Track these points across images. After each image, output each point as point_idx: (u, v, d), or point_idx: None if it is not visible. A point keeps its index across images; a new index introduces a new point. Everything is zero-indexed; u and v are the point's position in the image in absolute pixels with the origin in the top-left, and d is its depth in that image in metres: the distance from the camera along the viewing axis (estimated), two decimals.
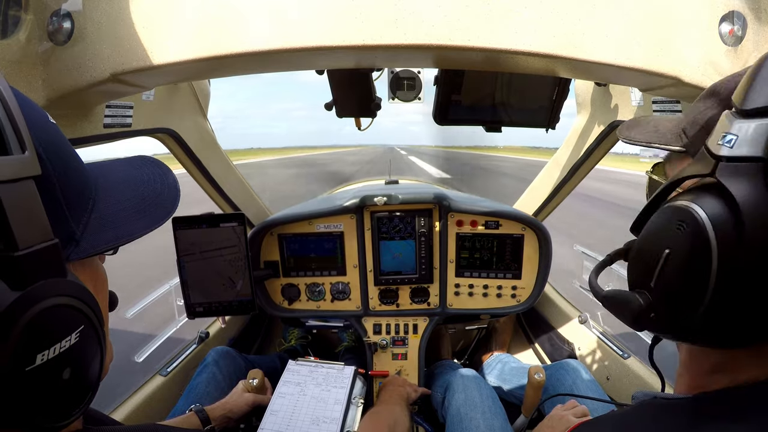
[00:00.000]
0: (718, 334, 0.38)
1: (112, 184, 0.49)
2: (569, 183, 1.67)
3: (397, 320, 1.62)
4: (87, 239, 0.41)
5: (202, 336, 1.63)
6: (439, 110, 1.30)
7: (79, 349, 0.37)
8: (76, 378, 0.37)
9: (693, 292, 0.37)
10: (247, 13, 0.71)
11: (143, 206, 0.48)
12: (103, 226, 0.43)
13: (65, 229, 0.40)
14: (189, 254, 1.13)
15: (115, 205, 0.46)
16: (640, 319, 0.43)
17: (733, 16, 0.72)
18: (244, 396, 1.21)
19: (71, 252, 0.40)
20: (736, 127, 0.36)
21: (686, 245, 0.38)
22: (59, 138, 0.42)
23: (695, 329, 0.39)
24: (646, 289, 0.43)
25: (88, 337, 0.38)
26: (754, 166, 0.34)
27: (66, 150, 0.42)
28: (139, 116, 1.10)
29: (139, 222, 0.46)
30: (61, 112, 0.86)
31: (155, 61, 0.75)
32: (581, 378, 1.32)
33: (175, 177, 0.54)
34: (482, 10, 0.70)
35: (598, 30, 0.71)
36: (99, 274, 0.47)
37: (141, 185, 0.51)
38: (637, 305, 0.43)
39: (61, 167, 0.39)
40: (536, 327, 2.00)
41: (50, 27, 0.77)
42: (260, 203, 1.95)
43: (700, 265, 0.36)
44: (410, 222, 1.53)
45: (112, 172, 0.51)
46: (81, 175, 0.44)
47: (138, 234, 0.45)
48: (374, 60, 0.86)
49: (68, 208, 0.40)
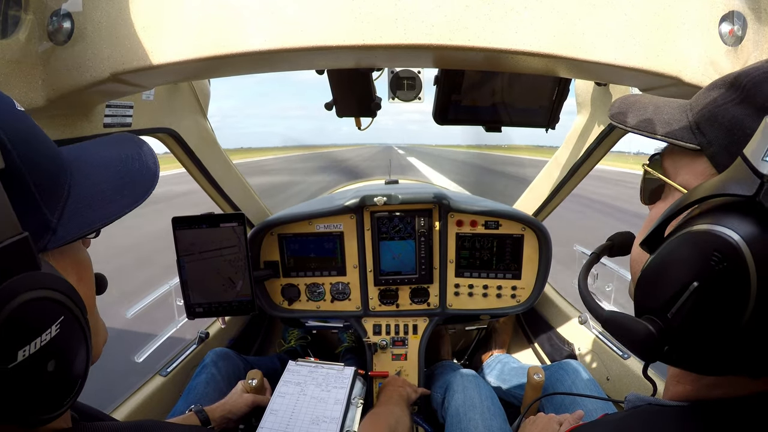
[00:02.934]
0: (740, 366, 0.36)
1: (88, 167, 0.47)
2: (569, 183, 1.67)
3: (397, 321, 1.62)
4: (64, 226, 0.41)
5: (202, 336, 1.63)
6: (439, 110, 1.30)
7: (61, 340, 0.36)
8: (62, 369, 0.37)
9: (721, 330, 0.34)
10: (247, 13, 0.71)
11: (120, 186, 0.47)
12: (80, 211, 0.42)
13: (39, 218, 0.39)
14: (189, 254, 1.13)
15: (91, 187, 0.45)
16: (651, 350, 0.39)
17: (733, 16, 0.72)
18: (243, 396, 1.21)
19: (48, 241, 0.39)
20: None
21: (721, 282, 0.33)
22: (27, 125, 0.40)
23: (716, 363, 0.36)
24: (659, 318, 0.38)
25: (69, 327, 0.37)
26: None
27: (35, 136, 0.41)
28: (139, 116, 1.10)
29: (117, 203, 0.45)
30: (61, 112, 0.86)
31: (155, 61, 0.75)
32: (581, 378, 1.32)
33: (153, 153, 0.53)
34: (482, 10, 0.70)
35: (598, 30, 0.71)
36: (81, 260, 0.46)
37: (118, 164, 0.49)
38: (648, 334, 0.39)
39: (30, 155, 0.38)
40: (536, 327, 2.00)
41: (50, 27, 0.77)
42: (260, 203, 1.95)
43: (735, 304, 0.32)
44: (410, 222, 1.53)
45: (88, 153, 0.50)
46: (54, 161, 0.42)
47: (116, 215, 0.44)
48: (374, 60, 0.86)
49: (41, 197, 0.39)
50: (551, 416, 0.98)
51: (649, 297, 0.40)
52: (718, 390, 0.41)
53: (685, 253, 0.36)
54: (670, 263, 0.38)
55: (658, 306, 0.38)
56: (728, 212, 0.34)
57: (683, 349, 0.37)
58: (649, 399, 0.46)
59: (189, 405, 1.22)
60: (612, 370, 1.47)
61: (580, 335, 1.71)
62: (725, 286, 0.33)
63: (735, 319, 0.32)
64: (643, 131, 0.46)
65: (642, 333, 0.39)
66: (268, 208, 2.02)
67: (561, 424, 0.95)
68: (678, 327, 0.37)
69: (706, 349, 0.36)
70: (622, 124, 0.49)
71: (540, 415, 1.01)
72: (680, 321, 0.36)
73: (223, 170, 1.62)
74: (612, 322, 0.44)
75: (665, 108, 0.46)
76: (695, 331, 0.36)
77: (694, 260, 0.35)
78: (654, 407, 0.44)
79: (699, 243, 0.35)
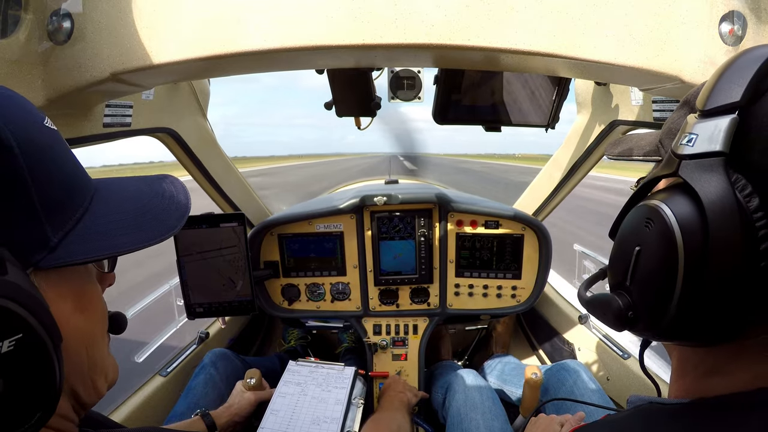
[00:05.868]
0: (693, 328, 0.38)
1: (114, 197, 0.46)
2: (569, 183, 1.67)
3: (397, 321, 1.62)
4: (66, 247, 0.39)
5: (202, 336, 1.63)
6: (439, 110, 1.30)
7: (15, 360, 0.32)
8: (13, 393, 0.33)
9: (663, 286, 0.37)
10: (247, 13, 0.71)
11: (141, 221, 0.45)
12: (90, 237, 0.41)
13: (36, 233, 0.37)
14: (189, 254, 1.13)
15: (108, 216, 0.43)
16: (620, 319, 0.43)
17: (733, 16, 0.72)
18: (245, 396, 1.20)
19: (42, 258, 0.37)
20: (697, 127, 0.38)
21: (653, 240, 0.39)
22: (52, 142, 0.40)
23: (670, 325, 0.39)
24: (624, 290, 0.43)
25: (28, 349, 0.33)
26: (713, 161, 0.35)
27: (55, 154, 0.40)
28: (138, 116, 1.10)
29: (131, 236, 0.43)
30: (61, 112, 0.86)
31: (155, 61, 0.75)
32: (581, 378, 1.32)
33: (188, 195, 0.50)
34: (482, 9, 0.70)
35: (598, 29, 0.71)
36: (87, 291, 0.44)
37: (145, 199, 0.47)
38: (617, 306, 0.43)
39: (42, 170, 0.37)
40: (536, 327, 1.99)
41: (50, 27, 0.77)
42: (260, 203, 1.95)
43: (667, 259, 0.37)
44: (410, 222, 1.53)
45: (120, 185, 0.49)
46: (71, 182, 0.42)
47: (126, 249, 0.42)
48: (374, 59, 0.86)
49: (45, 213, 0.37)
50: (552, 417, 0.98)
51: (615, 273, 0.45)
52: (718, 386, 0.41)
53: (629, 226, 0.44)
54: (621, 239, 0.45)
55: (621, 278, 0.44)
56: (660, 191, 0.41)
57: (641, 313, 0.42)
58: (650, 398, 0.46)
59: (188, 405, 1.21)
60: (612, 370, 1.47)
61: (580, 335, 1.71)
62: (657, 244, 0.38)
63: (671, 274, 0.37)
64: (625, 157, 0.56)
65: (613, 305, 0.44)
66: (268, 208, 2.02)
67: (562, 425, 0.95)
68: (635, 292, 0.42)
69: (657, 311, 0.39)
70: (616, 156, 0.60)
71: (541, 416, 1.01)
72: (636, 286, 0.42)
73: (223, 170, 1.62)
74: (591, 301, 0.50)
75: (646, 137, 0.55)
76: (646, 293, 0.41)
77: (634, 230, 0.42)
78: (655, 406, 0.44)
79: (637, 215, 0.42)
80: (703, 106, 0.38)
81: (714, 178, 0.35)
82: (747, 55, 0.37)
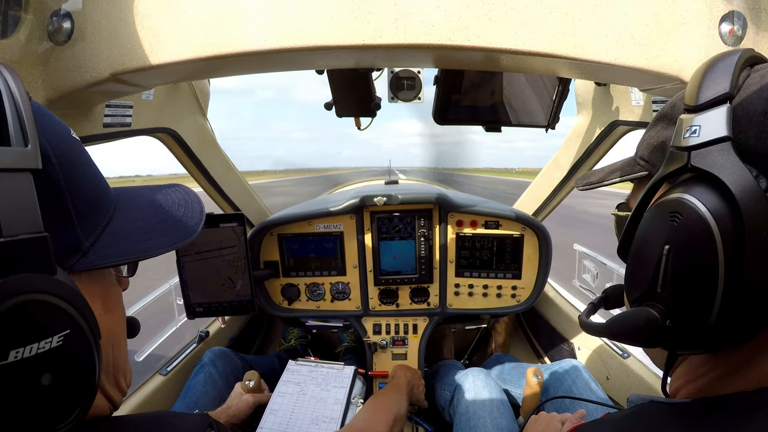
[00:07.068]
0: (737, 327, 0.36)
1: (134, 205, 0.49)
2: (569, 183, 1.67)
3: (397, 320, 1.62)
4: (96, 252, 0.41)
5: (202, 335, 1.63)
6: (439, 110, 1.30)
7: (62, 355, 0.34)
8: (58, 388, 0.34)
9: (704, 280, 0.35)
10: (247, 13, 0.71)
11: (162, 227, 0.48)
12: (116, 242, 0.43)
13: (71, 237, 0.40)
14: (189, 254, 1.13)
15: (132, 223, 0.46)
16: (655, 331, 0.39)
17: (733, 16, 0.72)
18: (244, 398, 1.20)
19: (76, 262, 0.40)
20: (697, 119, 0.38)
21: (685, 233, 0.36)
22: (79, 152, 0.42)
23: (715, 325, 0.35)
24: (655, 299, 0.40)
25: (75, 344, 0.35)
26: (724, 146, 0.36)
27: (84, 164, 0.43)
28: (138, 116, 1.10)
29: (154, 241, 0.46)
30: (61, 112, 0.86)
31: (155, 61, 0.75)
32: (581, 378, 1.32)
33: (201, 203, 0.55)
34: (482, 9, 0.70)
35: (598, 29, 0.71)
36: (112, 293, 0.47)
37: (163, 207, 0.51)
38: (651, 317, 0.39)
39: (74, 178, 0.40)
40: (536, 327, 2.00)
41: (50, 27, 0.77)
42: (260, 203, 1.95)
43: (704, 251, 0.35)
44: (410, 222, 1.53)
45: (137, 195, 0.52)
46: (98, 191, 0.44)
47: (150, 252, 0.45)
48: (374, 60, 0.86)
49: (77, 218, 0.40)
50: (553, 415, 0.98)
51: (640, 285, 0.41)
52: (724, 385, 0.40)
53: (649, 228, 0.41)
54: (641, 246, 0.42)
55: (647, 287, 0.40)
56: (674, 187, 0.39)
57: (684, 318, 0.38)
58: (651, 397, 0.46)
59: (187, 404, 1.21)
60: (612, 370, 1.47)
61: (580, 335, 1.71)
62: (691, 236, 0.36)
63: (713, 266, 0.34)
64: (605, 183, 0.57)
65: (642, 320, 0.40)
66: (267, 208, 2.02)
67: (563, 423, 0.95)
68: (670, 297, 0.38)
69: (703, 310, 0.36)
70: (587, 186, 0.60)
71: (542, 414, 1.01)
72: (670, 290, 0.38)
73: (223, 170, 1.62)
74: (613, 325, 0.44)
75: (615, 164, 0.56)
76: (686, 292, 0.37)
77: (658, 229, 0.39)
78: (656, 405, 0.44)
79: (657, 214, 0.40)
80: (695, 102, 0.39)
81: (730, 162, 0.35)
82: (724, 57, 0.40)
